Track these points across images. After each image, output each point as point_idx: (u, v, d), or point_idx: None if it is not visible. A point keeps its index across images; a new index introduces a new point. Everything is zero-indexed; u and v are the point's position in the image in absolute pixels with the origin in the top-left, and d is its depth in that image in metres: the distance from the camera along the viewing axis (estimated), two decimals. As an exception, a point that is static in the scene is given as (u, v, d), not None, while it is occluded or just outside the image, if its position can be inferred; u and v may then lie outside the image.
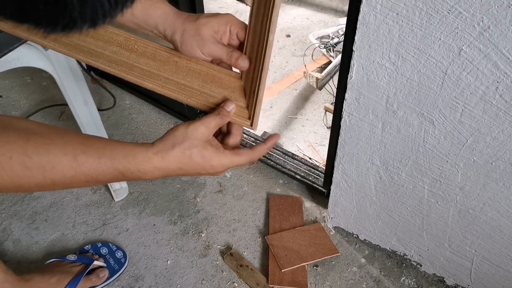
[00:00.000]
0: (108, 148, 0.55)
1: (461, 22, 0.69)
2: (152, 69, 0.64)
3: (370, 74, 0.86)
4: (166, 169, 0.57)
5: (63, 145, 0.53)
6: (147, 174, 0.57)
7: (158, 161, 0.56)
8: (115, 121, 1.61)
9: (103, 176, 0.55)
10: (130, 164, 0.55)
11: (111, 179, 0.56)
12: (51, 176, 0.52)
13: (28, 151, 0.51)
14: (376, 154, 0.98)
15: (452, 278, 1.12)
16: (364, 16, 0.78)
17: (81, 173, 0.53)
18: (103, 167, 0.54)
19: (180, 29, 0.62)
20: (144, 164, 0.56)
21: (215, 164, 0.59)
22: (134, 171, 0.56)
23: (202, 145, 0.58)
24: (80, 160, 0.53)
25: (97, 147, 0.55)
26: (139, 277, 1.18)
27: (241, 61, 0.61)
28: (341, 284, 1.16)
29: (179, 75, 0.64)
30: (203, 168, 0.58)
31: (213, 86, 0.63)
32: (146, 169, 0.56)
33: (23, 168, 0.50)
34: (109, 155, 0.55)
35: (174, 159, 0.57)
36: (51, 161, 0.52)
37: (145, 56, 0.64)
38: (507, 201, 0.86)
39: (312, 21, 2.25)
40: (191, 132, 0.58)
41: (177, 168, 0.58)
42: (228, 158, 0.60)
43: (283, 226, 1.27)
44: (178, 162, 0.57)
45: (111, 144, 0.56)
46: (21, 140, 0.51)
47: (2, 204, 1.35)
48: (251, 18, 0.59)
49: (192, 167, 0.58)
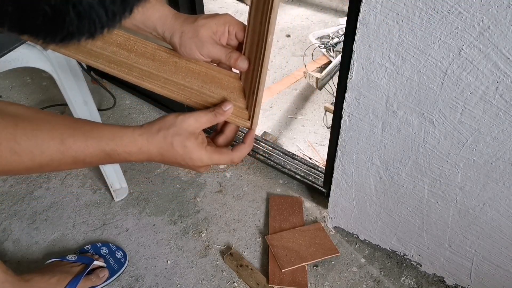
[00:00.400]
0: (95, 130, 0.56)
1: (461, 22, 0.69)
2: (152, 70, 0.64)
3: (370, 74, 0.85)
4: (148, 152, 0.58)
5: (51, 130, 0.54)
6: (132, 155, 0.57)
7: (143, 143, 0.57)
8: (115, 121, 1.61)
9: (90, 157, 0.56)
10: (117, 146, 0.56)
11: (99, 161, 0.57)
12: (40, 160, 0.53)
13: (17, 137, 0.51)
14: (376, 154, 0.98)
15: (452, 278, 1.12)
16: (364, 16, 0.78)
17: (68, 156, 0.54)
18: (90, 149, 0.55)
19: (179, 31, 0.62)
20: (130, 145, 0.57)
21: (194, 157, 0.59)
22: (121, 153, 0.57)
23: (185, 136, 0.58)
24: (67, 144, 0.54)
25: (84, 129, 0.56)
26: (139, 277, 1.18)
27: (240, 61, 0.61)
28: (341, 284, 1.16)
29: (179, 76, 0.63)
30: (182, 159, 0.59)
31: (213, 86, 0.63)
32: (131, 151, 0.57)
33: (12, 154, 0.52)
34: (96, 137, 0.56)
35: (157, 143, 0.58)
36: (39, 146, 0.53)
37: (144, 57, 0.64)
38: (507, 201, 0.86)
39: (312, 21, 2.25)
40: (180, 121, 0.58)
41: (158, 154, 0.58)
42: (207, 155, 0.60)
43: (283, 226, 1.27)
44: (160, 147, 0.58)
45: (98, 126, 0.57)
46: (10, 127, 0.52)
47: (2, 204, 1.35)
48: (250, 18, 0.59)
49: (171, 155, 0.58)
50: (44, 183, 1.41)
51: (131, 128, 0.58)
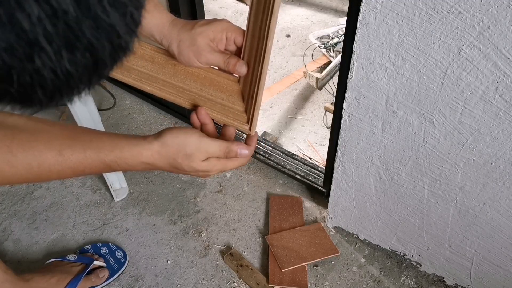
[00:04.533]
0: (95, 141, 0.55)
1: (461, 22, 0.69)
2: (150, 72, 0.64)
3: (370, 74, 0.86)
4: (153, 165, 0.57)
5: (48, 141, 0.53)
6: (134, 168, 0.57)
7: (148, 157, 0.56)
8: (115, 121, 1.61)
9: (89, 169, 0.55)
10: (117, 158, 0.55)
11: (99, 171, 0.56)
12: (38, 172, 0.53)
13: (13, 149, 0.51)
14: (376, 154, 0.98)
15: (452, 278, 1.12)
16: (364, 16, 0.78)
17: (67, 167, 0.53)
18: (89, 160, 0.54)
19: (176, 40, 0.61)
20: (132, 159, 0.56)
21: (212, 170, 0.60)
22: (121, 164, 0.56)
23: (204, 155, 0.58)
24: (65, 155, 0.53)
25: (83, 140, 0.55)
26: (139, 277, 1.18)
27: (238, 67, 0.61)
28: (341, 284, 1.16)
29: (177, 78, 0.63)
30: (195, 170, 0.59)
31: (211, 89, 0.63)
32: (133, 164, 0.56)
33: (9, 167, 0.51)
34: (95, 148, 0.54)
35: (167, 161, 0.57)
36: (37, 158, 0.52)
37: (143, 59, 0.64)
38: (507, 201, 0.86)
39: (312, 21, 2.25)
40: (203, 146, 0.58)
41: (168, 165, 0.58)
42: (220, 164, 0.60)
43: (283, 226, 1.27)
44: (169, 163, 0.58)
45: (98, 137, 0.56)
46: (7, 139, 0.51)
47: (2, 204, 1.35)
48: (249, 23, 0.59)
49: (180, 167, 0.58)
50: (44, 183, 1.41)
51: (134, 141, 0.57)
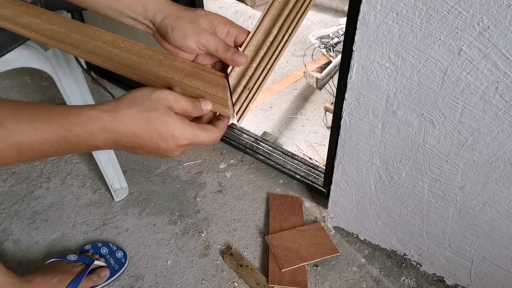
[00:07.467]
0: (44, 109, 0.46)
1: (461, 22, 0.69)
2: (133, 62, 0.61)
3: (370, 74, 0.86)
4: (117, 131, 0.48)
5: None
6: (95, 137, 0.48)
7: (108, 120, 0.48)
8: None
9: (39, 144, 0.45)
10: (73, 124, 0.46)
11: (52, 148, 0.46)
12: None
13: None
14: (376, 154, 0.98)
15: (452, 278, 1.12)
16: (364, 16, 0.78)
17: (12, 143, 0.44)
18: (38, 133, 0.45)
19: (174, 15, 0.58)
20: (90, 122, 0.47)
21: (177, 134, 0.50)
22: (79, 133, 0.46)
23: (165, 111, 0.50)
24: (9, 127, 0.44)
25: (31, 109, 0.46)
26: (139, 277, 1.18)
27: (239, 56, 0.58)
28: (341, 284, 1.16)
29: (160, 69, 0.60)
30: (161, 137, 0.50)
31: (195, 80, 0.59)
32: (93, 129, 0.47)
33: None
34: (45, 117, 0.45)
35: (128, 119, 0.48)
36: None
37: (129, 53, 0.61)
38: (507, 201, 0.86)
39: (312, 21, 2.25)
40: (156, 95, 0.50)
41: (131, 133, 0.49)
42: (192, 131, 0.52)
43: (283, 226, 1.27)
44: (133, 124, 0.48)
45: (48, 106, 0.47)
46: None
47: (2, 204, 1.35)
48: (264, 20, 0.62)
49: (148, 134, 0.49)
50: (44, 183, 1.41)
51: (90, 105, 0.49)
